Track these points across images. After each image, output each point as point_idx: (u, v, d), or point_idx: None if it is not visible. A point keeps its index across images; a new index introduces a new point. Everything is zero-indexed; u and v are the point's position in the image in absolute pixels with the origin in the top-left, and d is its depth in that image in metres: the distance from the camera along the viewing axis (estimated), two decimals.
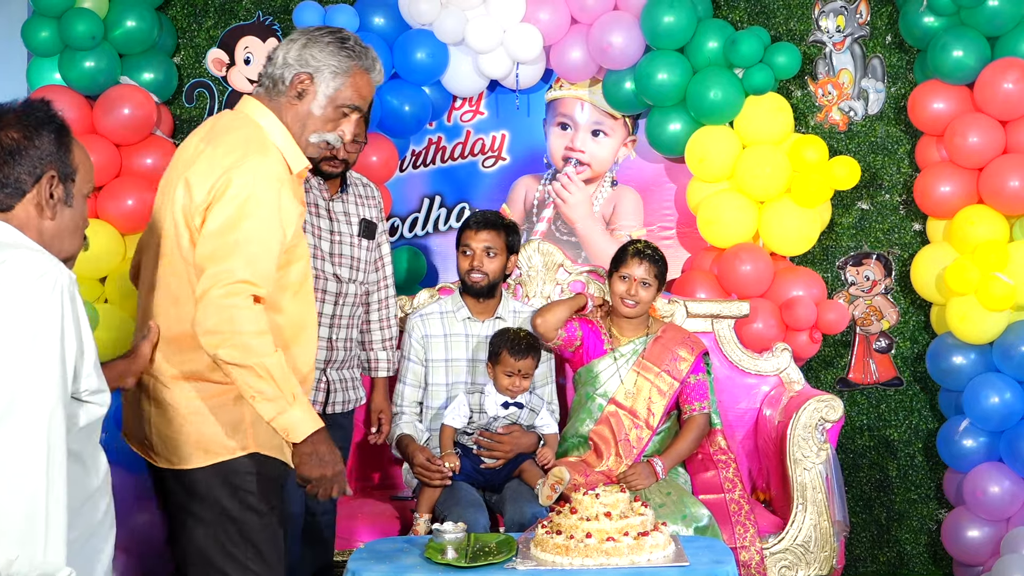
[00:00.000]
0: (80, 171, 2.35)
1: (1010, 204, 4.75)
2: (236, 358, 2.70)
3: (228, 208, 2.76)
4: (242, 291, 2.72)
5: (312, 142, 3.00)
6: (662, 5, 4.89)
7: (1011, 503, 4.75)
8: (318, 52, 2.95)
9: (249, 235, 2.76)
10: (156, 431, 2.95)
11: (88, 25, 4.81)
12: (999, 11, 4.73)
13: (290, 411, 2.75)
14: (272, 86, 2.98)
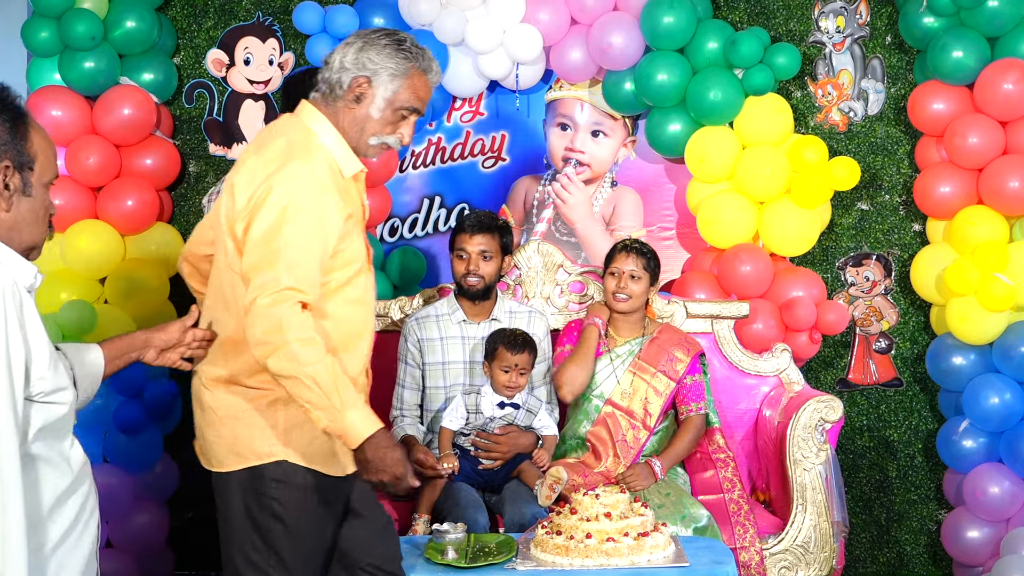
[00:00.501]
0: (40, 159, 2.28)
1: (1010, 205, 4.75)
2: (284, 369, 2.70)
3: (269, 215, 2.76)
4: (288, 298, 2.71)
5: (372, 144, 3.00)
6: (662, 6, 4.89)
7: (1011, 504, 4.75)
8: (375, 55, 2.94)
9: (291, 242, 2.75)
10: (200, 433, 2.98)
11: (88, 25, 4.80)
12: (999, 12, 4.72)
13: (342, 419, 2.72)
14: (329, 91, 2.97)
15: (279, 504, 2.89)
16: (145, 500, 5.02)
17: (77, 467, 2.29)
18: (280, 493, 2.89)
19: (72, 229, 4.88)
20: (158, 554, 5.10)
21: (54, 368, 2.19)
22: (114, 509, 4.87)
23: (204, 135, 5.32)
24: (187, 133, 5.33)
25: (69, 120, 4.92)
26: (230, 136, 5.32)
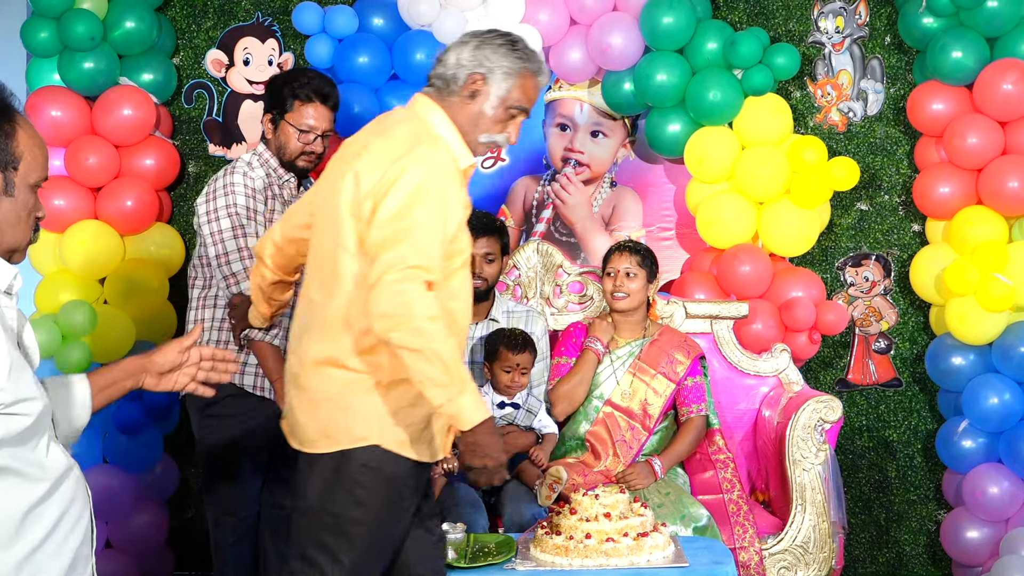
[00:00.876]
0: (26, 158, 2.20)
1: (1009, 205, 4.75)
2: (409, 342, 2.69)
3: (400, 196, 2.78)
4: (415, 277, 2.72)
5: (482, 142, 3.04)
6: (661, 6, 4.88)
7: (1010, 504, 4.75)
8: (491, 53, 2.99)
9: (420, 222, 2.77)
10: (292, 412, 2.99)
11: (87, 26, 4.80)
12: (998, 12, 4.72)
13: (459, 399, 2.72)
14: (444, 86, 3.01)
15: (363, 490, 2.88)
16: (145, 500, 5.02)
17: (55, 473, 2.18)
18: (366, 479, 2.87)
19: (72, 230, 4.88)
20: (158, 554, 5.10)
21: (15, 379, 2.08)
22: (114, 510, 4.87)
23: (204, 135, 5.32)
24: (186, 133, 5.32)
25: (68, 120, 4.92)
26: (229, 136, 5.31)
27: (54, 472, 2.17)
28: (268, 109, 3.98)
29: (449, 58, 3.01)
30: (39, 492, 2.14)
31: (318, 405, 2.90)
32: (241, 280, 3.76)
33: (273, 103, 3.97)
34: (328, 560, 2.87)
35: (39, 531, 2.14)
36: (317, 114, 3.94)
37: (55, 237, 4.93)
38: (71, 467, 2.22)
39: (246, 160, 3.95)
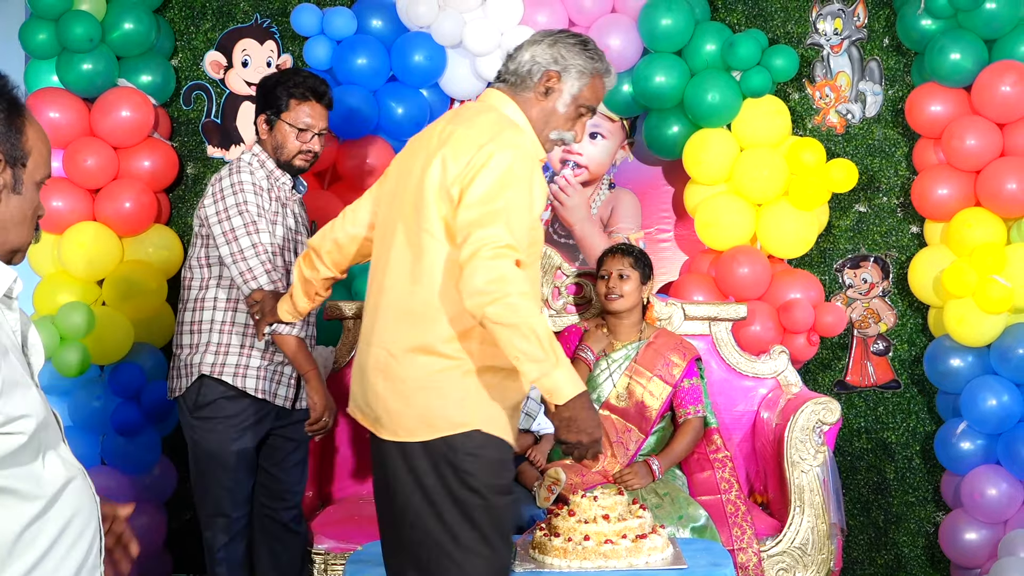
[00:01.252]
0: (33, 155, 2.12)
1: (1007, 206, 4.74)
2: (504, 317, 2.68)
3: (490, 177, 2.80)
4: (509, 255, 2.73)
5: (551, 139, 3.08)
6: (660, 8, 4.88)
7: (1008, 505, 4.74)
8: (565, 52, 3.03)
9: (510, 204, 2.79)
10: (384, 404, 2.94)
11: (86, 27, 4.79)
12: (996, 14, 4.72)
13: (554, 373, 2.71)
14: (519, 82, 3.05)
15: (474, 477, 2.87)
16: (143, 502, 5.01)
17: (52, 489, 2.08)
18: (475, 466, 2.87)
19: (70, 231, 4.87)
20: (156, 556, 5.09)
21: (7, 396, 1.97)
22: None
23: (202, 137, 5.31)
24: (185, 135, 5.31)
25: (67, 122, 4.91)
26: (228, 138, 5.31)
27: (51, 488, 2.08)
28: (262, 110, 3.97)
29: (523, 55, 3.05)
30: (34, 511, 2.05)
31: (414, 393, 2.89)
32: (258, 275, 3.74)
33: (267, 103, 3.96)
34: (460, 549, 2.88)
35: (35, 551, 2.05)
36: (314, 112, 3.94)
37: (53, 238, 4.92)
38: (70, 479, 2.12)
39: (247, 160, 3.94)
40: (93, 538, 2.16)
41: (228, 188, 3.82)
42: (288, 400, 3.95)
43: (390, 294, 2.96)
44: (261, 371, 3.88)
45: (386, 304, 2.97)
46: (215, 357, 3.86)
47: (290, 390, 3.95)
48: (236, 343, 3.86)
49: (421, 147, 3.03)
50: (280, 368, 3.92)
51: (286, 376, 3.94)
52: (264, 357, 3.88)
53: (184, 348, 3.91)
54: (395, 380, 2.92)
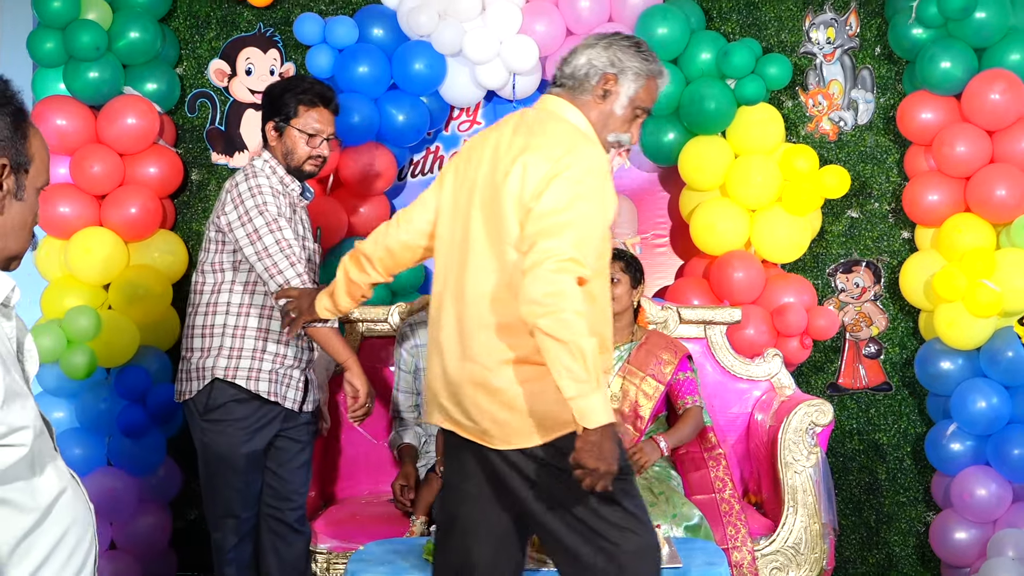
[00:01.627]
0: (36, 162, 2.09)
1: (997, 212, 4.77)
2: (555, 331, 2.68)
3: (561, 190, 2.79)
4: (571, 270, 2.72)
5: (609, 141, 3.06)
6: (656, 17, 4.91)
7: (998, 506, 4.76)
8: (621, 54, 3.02)
9: (580, 218, 2.79)
10: (491, 416, 2.92)
11: (92, 36, 4.81)
12: (986, 23, 4.74)
13: (591, 396, 2.70)
14: (576, 85, 3.03)
15: None
16: (148, 502, 5.03)
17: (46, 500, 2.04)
18: None
19: (77, 236, 4.89)
20: (161, 555, 5.11)
21: (8, 407, 1.94)
22: (118, 511, 4.88)
23: (206, 144, 5.33)
24: (190, 142, 5.33)
25: (74, 129, 4.93)
26: (232, 145, 5.33)
27: (45, 499, 2.04)
28: (270, 117, 3.96)
29: (579, 59, 3.03)
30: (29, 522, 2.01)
31: (522, 401, 2.89)
32: (284, 269, 3.73)
33: (275, 111, 3.95)
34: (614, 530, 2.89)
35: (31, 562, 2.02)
36: (322, 118, 3.94)
37: (60, 244, 4.94)
38: (63, 489, 2.08)
39: (259, 166, 3.93)
40: (90, 547, 2.14)
41: (246, 192, 3.81)
42: (296, 403, 3.96)
43: (475, 307, 2.94)
44: (273, 375, 3.89)
45: (472, 318, 2.95)
46: (228, 361, 3.85)
47: (298, 393, 3.97)
48: (249, 347, 3.86)
49: (486, 156, 3.01)
50: (289, 372, 3.93)
51: (295, 379, 3.95)
52: (275, 361, 3.90)
53: (195, 352, 3.90)
54: (497, 392, 2.91)
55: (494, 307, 2.91)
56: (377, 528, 4.31)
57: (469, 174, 3.04)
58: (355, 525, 4.36)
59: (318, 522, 4.37)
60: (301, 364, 3.96)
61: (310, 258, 4.00)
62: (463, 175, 3.07)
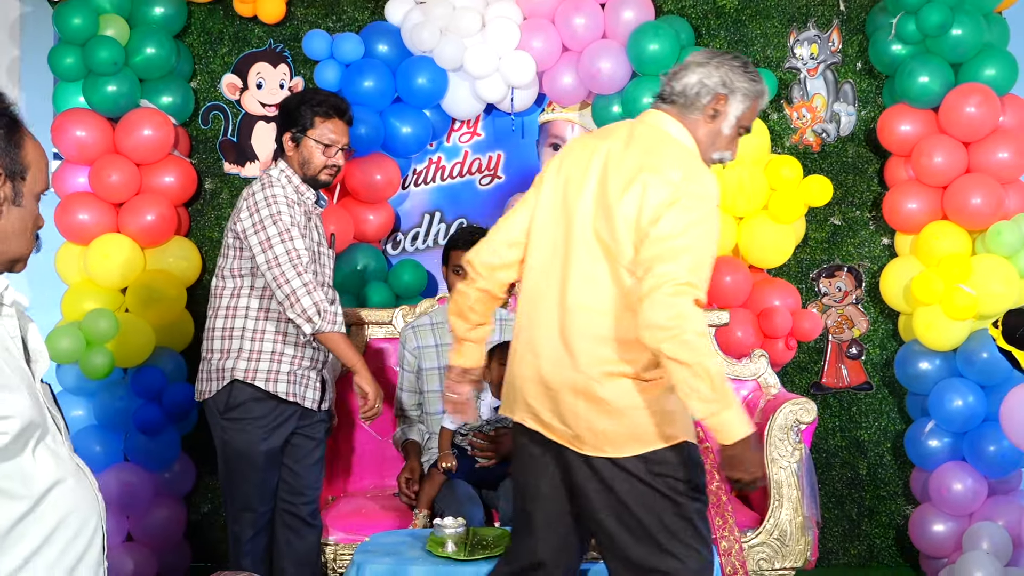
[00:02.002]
0: (32, 169, 2.10)
1: (973, 220, 4.78)
2: (680, 355, 2.67)
3: (680, 215, 2.77)
4: (688, 293, 2.71)
5: (714, 158, 3.03)
6: (647, 34, 4.92)
7: (973, 500, 4.78)
8: (731, 74, 2.98)
9: (695, 243, 2.77)
10: (587, 424, 2.91)
11: (110, 52, 4.82)
12: (962, 39, 4.75)
13: (724, 414, 2.70)
14: (687, 103, 2.98)
15: (683, 483, 2.90)
16: (164, 496, 5.04)
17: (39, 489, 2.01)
18: (683, 472, 2.90)
19: (95, 243, 4.89)
20: (176, 547, 5.11)
21: None
22: (134, 505, 4.89)
23: (219, 154, 5.34)
24: (203, 152, 5.34)
25: (93, 140, 4.94)
26: (243, 155, 5.34)
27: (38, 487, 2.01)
28: (287, 128, 3.96)
29: (690, 77, 2.98)
30: (22, 509, 1.99)
31: (623, 413, 2.87)
32: (291, 279, 3.75)
33: (291, 122, 3.95)
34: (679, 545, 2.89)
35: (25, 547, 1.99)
36: (337, 128, 3.95)
37: (80, 249, 4.95)
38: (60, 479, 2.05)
39: (275, 176, 3.94)
40: (91, 539, 2.10)
41: (262, 201, 3.82)
42: (315, 402, 3.97)
43: (579, 318, 2.90)
44: (291, 376, 3.89)
45: (576, 328, 2.91)
46: (248, 363, 3.86)
47: (316, 392, 3.98)
48: (268, 350, 3.88)
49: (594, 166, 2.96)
50: (307, 373, 3.94)
51: (312, 380, 3.96)
52: (293, 363, 3.91)
53: (215, 353, 3.91)
54: (599, 402, 2.88)
55: (601, 320, 2.88)
56: (382, 521, 4.32)
57: (572, 180, 2.99)
58: (361, 518, 4.36)
59: (326, 515, 4.37)
60: (317, 365, 3.97)
61: (324, 263, 4.02)
62: (564, 180, 3.02)
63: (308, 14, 5.29)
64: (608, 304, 2.88)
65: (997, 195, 4.75)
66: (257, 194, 3.85)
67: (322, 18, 5.29)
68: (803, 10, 5.26)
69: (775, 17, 5.27)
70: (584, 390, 2.89)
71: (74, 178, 5.02)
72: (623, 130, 3.04)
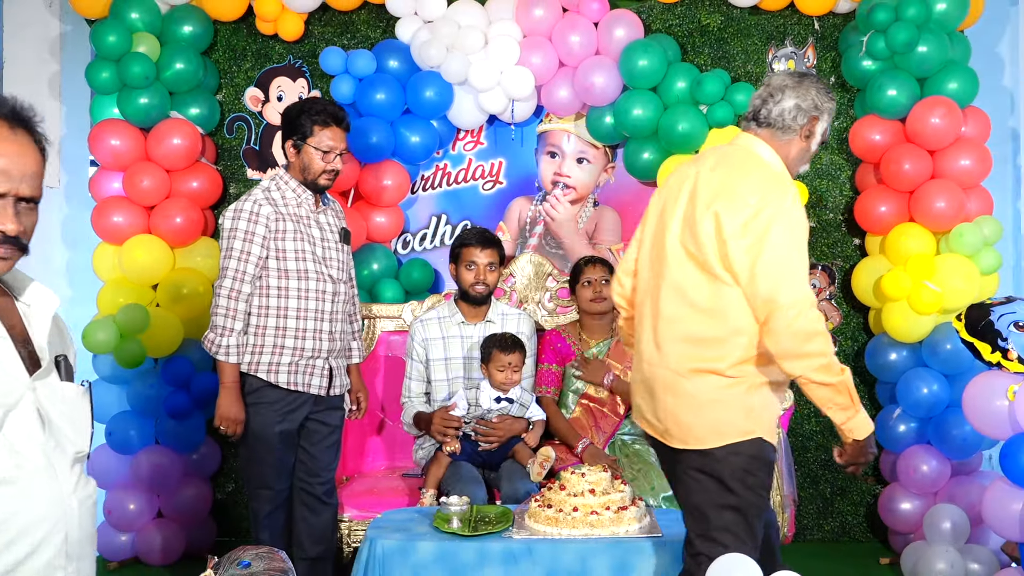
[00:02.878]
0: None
1: (937, 222, 4.74)
2: (820, 378, 2.71)
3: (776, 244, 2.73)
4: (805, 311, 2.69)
5: (800, 172, 3.05)
6: (637, 50, 4.88)
7: (937, 479, 4.75)
8: (819, 97, 2.97)
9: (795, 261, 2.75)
10: (674, 418, 2.92)
11: (143, 67, 4.78)
12: (928, 56, 4.72)
13: (856, 417, 2.79)
14: (783, 127, 2.95)
15: (754, 477, 2.87)
16: (191, 476, 5.00)
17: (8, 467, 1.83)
18: (756, 466, 2.88)
19: (129, 243, 4.86)
20: (203, 523, 5.08)
21: None
22: (165, 484, 4.87)
23: (243, 161, 5.30)
24: (228, 160, 5.30)
25: (126, 149, 4.90)
26: (265, 163, 5.30)
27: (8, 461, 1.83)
28: (289, 136, 3.95)
29: (787, 102, 2.94)
30: None
31: (705, 407, 2.86)
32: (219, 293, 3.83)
33: (293, 130, 3.94)
34: (731, 537, 2.86)
35: None
36: (334, 135, 3.93)
37: (115, 249, 4.91)
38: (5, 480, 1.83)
39: (264, 186, 3.94)
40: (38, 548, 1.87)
41: (232, 212, 3.88)
42: (323, 388, 3.96)
43: (668, 322, 2.92)
44: (292, 367, 3.88)
45: (665, 331, 2.93)
46: (251, 356, 3.88)
47: (323, 379, 3.96)
48: (269, 344, 3.88)
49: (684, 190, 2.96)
50: (311, 362, 3.92)
51: (318, 368, 3.94)
52: (295, 355, 3.88)
53: None
54: (684, 396, 2.88)
55: (688, 323, 2.88)
56: (392, 499, 4.29)
57: (668, 203, 3.01)
58: (373, 496, 4.35)
59: (341, 494, 4.35)
60: (322, 354, 3.94)
61: (330, 257, 3.97)
62: (661, 205, 3.05)
63: (325, 32, 5.24)
64: (693, 308, 2.87)
65: (960, 199, 4.71)
66: (235, 204, 3.91)
67: (338, 36, 5.24)
68: (780, 28, 5.22)
69: (755, 35, 5.22)
70: (671, 386, 2.91)
71: (109, 183, 4.99)
72: (713, 155, 3.03)
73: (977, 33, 5.06)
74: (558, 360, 4.49)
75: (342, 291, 4.02)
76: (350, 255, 4.15)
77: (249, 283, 3.84)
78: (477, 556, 3.40)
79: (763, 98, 2.99)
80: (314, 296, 3.89)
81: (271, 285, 3.86)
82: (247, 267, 3.83)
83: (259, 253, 3.84)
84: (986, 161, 4.80)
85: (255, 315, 3.89)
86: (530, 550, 3.40)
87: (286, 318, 3.87)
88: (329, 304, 3.95)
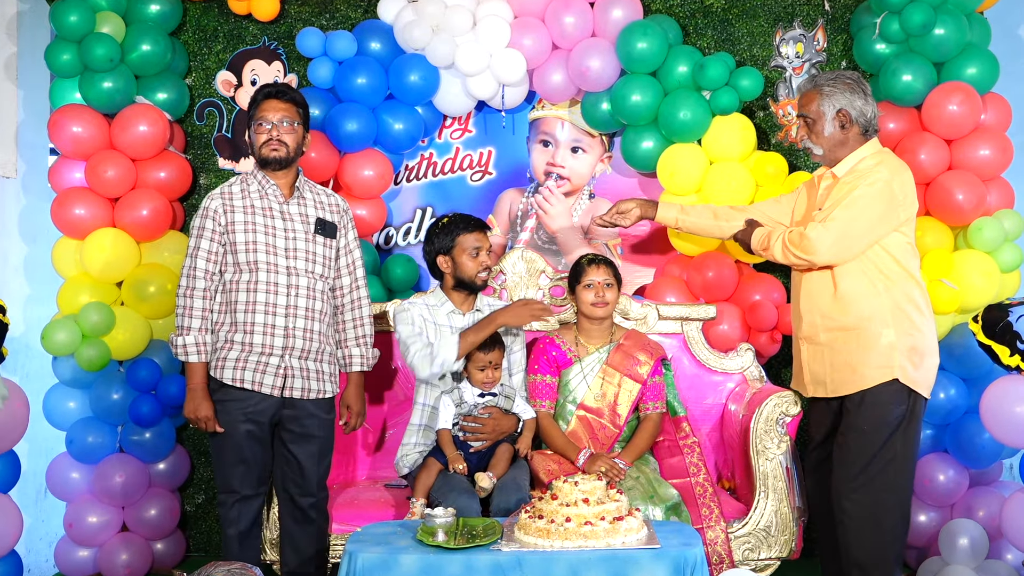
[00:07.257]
0: None
1: (955, 216, 4.77)
2: None
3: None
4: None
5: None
6: (636, 32, 4.90)
7: (955, 491, 4.77)
8: None
9: None
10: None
11: (106, 48, 4.80)
12: (945, 39, 4.75)
13: None
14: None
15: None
16: (158, 488, 5.02)
17: None
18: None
19: (91, 237, 4.87)
20: (171, 537, 5.08)
21: None
22: (129, 496, 4.87)
23: (214, 150, 5.32)
24: (198, 148, 5.32)
25: (89, 136, 4.91)
26: (238, 151, 5.31)
27: None
28: (248, 119, 4.11)
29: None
30: None
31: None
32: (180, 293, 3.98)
33: (249, 113, 4.11)
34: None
35: None
36: (271, 106, 4.05)
37: (76, 243, 4.92)
38: None
39: (232, 180, 4.12)
40: None
41: (200, 210, 4.06)
42: (276, 388, 3.99)
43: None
44: (240, 363, 3.96)
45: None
46: (214, 354, 4.00)
47: (276, 379, 4.00)
48: (221, 338, 3.99)
49: None
50: (263, 359, 3.97)
51: (271, 367, 3.98)
52: (243, 350, 3.96)
53: None
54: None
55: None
56: (374, 511, 4.30)
57: None
58: (354, 509, 4.34)
59: None
60: (275, 351, 3.99)
61: (296, 247, 4.02)
62: None
63: (302, 12, 5.26)
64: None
65: (979, 192, 4.74)
66: (204, 200, 4.07)
67: (316, 16, 5.26)
68: (789, 9, 5.25)
69: (761, 16, 5.26)
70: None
71: (70, 173, 5.00)
72: None
73: (998, 14, 5.09)
74: (552, 371, 4.50)
75: (303, 284, 4.03)
76: (332, 248, 4.15)
77: (203, 279, 3.97)
78: (463, 569, 3.40)
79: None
80: (263, 289, 3.95)
81: (226, 280, 4.00)
82: (197, 262, 3.98)
83: (208, 247, 3.99)
84: (1007, 151, 4.83)
85: (218, 311, 4.02)
86: (520, 563, 3.41)
87: (235, 312, 3.97)
88: (284, 298, 3.99)
